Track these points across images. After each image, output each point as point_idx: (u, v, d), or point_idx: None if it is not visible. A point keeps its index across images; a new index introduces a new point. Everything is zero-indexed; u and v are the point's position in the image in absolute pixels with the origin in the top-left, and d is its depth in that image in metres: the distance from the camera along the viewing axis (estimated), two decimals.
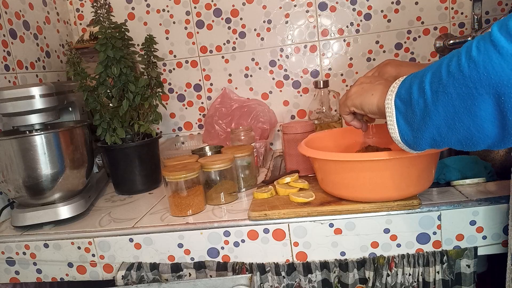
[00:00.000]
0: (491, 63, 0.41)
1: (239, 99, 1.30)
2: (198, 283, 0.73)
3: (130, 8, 1.32)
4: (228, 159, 0.86)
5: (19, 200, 0.88)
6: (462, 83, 0.44)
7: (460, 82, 0.44)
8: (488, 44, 0.41)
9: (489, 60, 0.41)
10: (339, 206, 0.74)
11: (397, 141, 0.57)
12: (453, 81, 0.45)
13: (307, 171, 0.95)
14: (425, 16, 1.21)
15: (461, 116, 0.46)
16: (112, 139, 0.97)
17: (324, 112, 1.11)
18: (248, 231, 0.77)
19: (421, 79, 0.50)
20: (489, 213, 0.71)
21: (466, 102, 0.44)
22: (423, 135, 0.52)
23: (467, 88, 0.43)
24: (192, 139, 1.34)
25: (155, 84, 1.00)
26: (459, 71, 0.44)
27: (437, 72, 0.48)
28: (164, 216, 0.85)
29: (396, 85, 0.56)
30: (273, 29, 1.28)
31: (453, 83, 0.45)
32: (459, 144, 0.49)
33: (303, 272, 0.77)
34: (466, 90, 0.44)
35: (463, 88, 0.44)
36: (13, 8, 1.05)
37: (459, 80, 0.44)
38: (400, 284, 0.74)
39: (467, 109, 0.45)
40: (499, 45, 0.40)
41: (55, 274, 0.86)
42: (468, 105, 0.44)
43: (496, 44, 0.40)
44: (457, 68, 0.44)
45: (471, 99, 0.44)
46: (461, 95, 0.44)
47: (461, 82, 0.44)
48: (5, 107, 0.82)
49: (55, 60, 1.22)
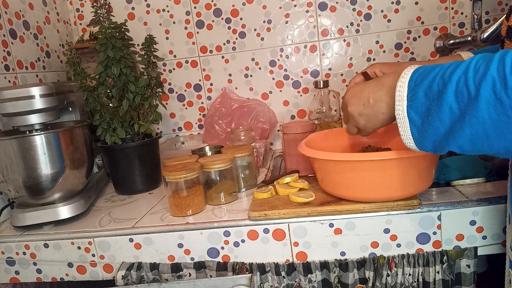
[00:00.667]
0: None
1: (239, 99, 1.30)
2: (198, 283, 0.73)
3: (130, 8, 1.32)
4: (228, 159, 0.86)
5: (19, 200, 0.88)
6: (501, 111, 0.41)
7: (498, 110, 0.42)
8: None
9: None
10: (339, 206, 0.74)
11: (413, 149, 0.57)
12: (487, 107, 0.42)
13: (307, 171, 0.95)
14: (425, 16, 1.21)
15: (491, 141, 0.44)
16: (112, 139, 0.97)
17: (324, 112, 1.11)
18: (248, 231, 0.77)
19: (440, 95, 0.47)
20: (489, 213, 0.71)
21: (501, 130, 0.42)
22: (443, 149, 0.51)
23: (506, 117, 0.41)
24: (192, 139, 1.34)
25: (155, 84, 1.00)
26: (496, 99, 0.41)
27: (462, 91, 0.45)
28: (164, 216, 0.85)
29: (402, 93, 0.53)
30: (273, 29, 1.28)
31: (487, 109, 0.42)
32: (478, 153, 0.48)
33: (303, 272, 0.77)
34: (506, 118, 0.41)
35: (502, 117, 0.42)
36: (13, 8, 1.05)
37: (496, 107, 0.42)
38: (400, 284, 0.74)
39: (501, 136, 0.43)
40: None
41: (55, 274, 0.86)
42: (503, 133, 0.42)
43: None
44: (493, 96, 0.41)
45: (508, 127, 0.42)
46: (496, 122, 0.42)
47: (500, 110, 0.42)
48: (5, 107, 0.82)
49: (55, 60, 1.22)
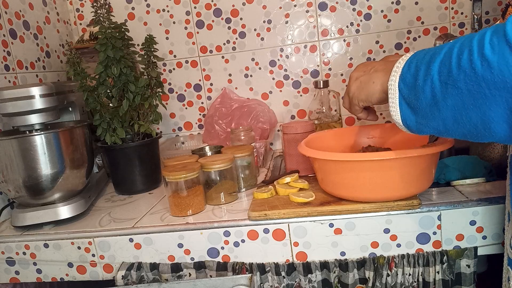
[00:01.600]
0: (506, 66, 0.39)
1: (239, 99, 1.30)
2: (198, 283, 0.73)
3: (130, 8, 1.32)
4: (228, 159, 0.86)
5: (19, 200, 0.88)
6: (474, 81, 0.42)
7: (472, 80, 0.42)
8: (503, 43, 0.39)
9: (505, 63, 0.39)
10: (339, 206, 0.74)
11: (398, 124, 0.56)
12: (464, 77, 0.43)
13: (307, 171, 0.95)
14: (425, 16, 1.21)
15: (469, 112, 0.44)
16: (112, 139, 0.97)
17: (324, 112, 1.11)
18: (248, 231, 0.77)
19: (427, 65, 0.48)
20: (489, 213, 0.71)
21: (476, 100, 0.43)
22: (427, 123, 0.51)
23: (479, 87, 0.42)
24: (192, 139, 1.34)
25: (155, 84, 1.00)
26: (471, 68, 0.42)
27: (446, 61, 0.45)
28: (164, 216, 0.85)
29: (399, 65, 0.54)
30: (273, 29, 1.28)
31: (464, 78, 0.43)
32: (463, 136, 0.48)
33: (303, 272, 0.77)
34: (478, 88, 0.42)
35: (475, 86, 0.42)
36: (13, 8, 1.04)
37: (470, 77, 0.42)
38: (400, 284, 0.74)
39: (476, 107, 0.43)
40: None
41: (55, 274, 0.86)
42: (478, 103, 0.43)
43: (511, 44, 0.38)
44: (469, 64, 0.42)
45: (482, 98, 0.42)
46: (471, 92, 0.43)
47: (473, 79, 0.42)
48: (5, 107, 0.82)
49: (55, 60, 1.22)
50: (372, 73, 0.61)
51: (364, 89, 0.62)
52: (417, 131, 0.54)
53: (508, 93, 0.40)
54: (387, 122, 1.30)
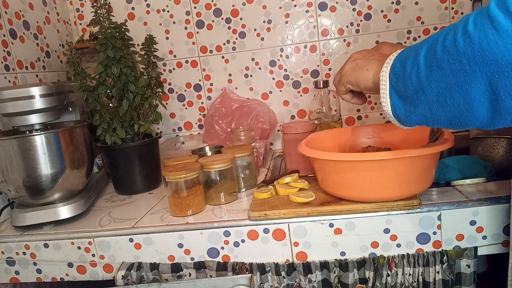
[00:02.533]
0: (486, 40, 0.39)
1: (239, 99, 1.30)
2: (198, 283, 0.73)
3: (130, 8, 1.32)
4: (228, 159, 0.86)
5: (19, 200, 0.88)
6: (456, 58, 0.42)
7: (454, 58, 0.43)
8: (485, 19, 0.39)
9: (485, 36, 0.39)
10: (339, 206, 0.74)
11: (388, 115, 0.56)
12: (447, 56, 0.43)
13: (307, 171, 0.95)
14: (425, 16, 1.21)
15: (452, 93, 0.45)
16: (112, 139, 0.97)
17: (324, 112, 1.11)
18: (248, 231, 0.77)
19: (416, 53, 0.49)
20: (489, 213, 0.71)
21: (458, 79, 0.43)
22: (415, 110, 0.51)
23: (460, 64, 0.42)
24: (192, 139, 1.34)
25: (155, 84, 1.00)
26: (454, 46, 0.42)
27: (432, 46, 0.46)
28: (164, 216, 0.85)
29: (392, 57, 0.54)
30: (273, 29, 1.28)
31: (447, 58, 0.43)
32: (449, 123, 0.48)
33: (303, 272, 0.77)
34: (460, 66, 0.42)
35: (457, 64, 0.43)
36: (13, 8, 1.05)
37: (453, 55, 0.43)
38: (400, 284, 0.74)
39: (459, 86, 0.43)
40: (496, 20, 0.38)
41: (55, 274, 0.86)
42: (461, 82, 0.43)
43: (492, 20, 0.38)
44: (453, 43, 0.43)
45: (463, 75, 0.42)
46: (454, 71, 0.43)
47: (455, 57, 0.42)
48: (5, 107, 0.82)
49: (55, 60, 1.22)
50: (370, 60, 0.62)
51: (356, 72, 0.63)
52: (406, 120, 0.54)
53: (486, 66, 0.40)
54: (387, 122, 1.30)
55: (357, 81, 0.63)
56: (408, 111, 0.52)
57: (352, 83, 0.64)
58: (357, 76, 0.63)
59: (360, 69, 0.62)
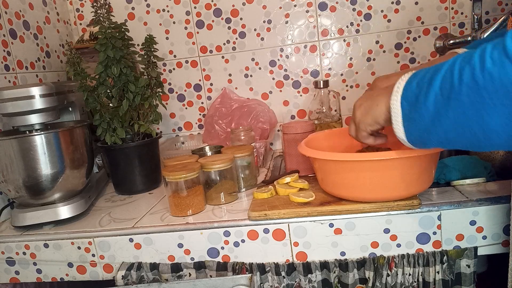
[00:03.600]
0: (506, 75, 0.41)
1: (239, 99, 1.30)
2: (198, 283, 0.73)
3: (130, 8, 1.31)
4: (228, 159, 0.86)
5: (19, 200, 0.88)
6: (476, 92, 0.44)
7: (474, 91, 0.45)
8: (503, 56, 0.42)
9: (505, 73, 0.41)
10: (339, 206, 0.74)
11: (402, 141, 0.58)
12: (466, 90, 0.45)
13: (307, 171, 0.95)
14: (425, 16, 1.21)
15: (471, 123, 0.47)
16: (112, 139, 0.97)
17: (324, 112, 1.11)
18: (248, 231, 0.77)
19: (429, 82, 0.50)
20: (489, 213, 0.71)
21: (478, 111, 0.45)
22: (430, 138, 0.53)
23: (481, 98, 0.44)
24: (192, 139, 1.34)
25: (155, 84, 1.00)
26: (474, 81, 0.44)
27: (448, 77, 0.48)
28: (164, 216, 0.85)
29: (400, 85, 0.56)
30: (273, 29, 1.28)
31: (466, 91, 0.45)
32: (464, 146, 0.51)
33: (303, 272, 0.77)
34: (480, 99, 0.44)
35: (477, 97, 0.45)
36: (13, 8, 1.05)
37: (473, 89, 0.45)
38: (400, 284, 0.74)
39: (478, 117, 0.45)
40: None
41: (55, 274, 0.86)
42: (480, 114, 0.45)
43: (510, 56, 0.41)
44: (471, 78, 0.45)
45: (483, 108, 0.44)
46: (474, 103, 0.45)
47: (475, 91, 0.44)
48: (5, 107, 0.82)
49: (55, 60, 1.22)
50: (375, 97, 0.63)
51: (369, 113, 0.63)
52: (421, 145, 0.57)
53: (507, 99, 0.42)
54: None
55: (374, 119, 0.63)
56: (423, 137, 0.54)
57: (371, 124, 0.65)
58: (372, 116, 0.63)
59: (371, 109, 0.63)
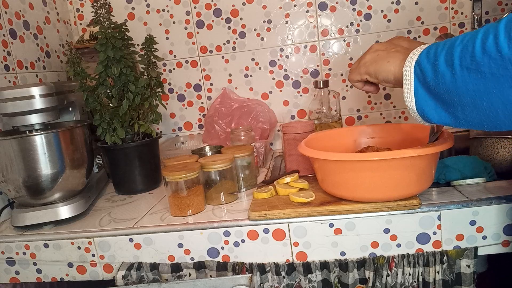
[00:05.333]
0: None
1: (239, 99, 1.30)
2: (198, 283, 0.73)
3: (130, 8, 1.31)
4: (228, 159, 0.86)
5: (19, 200, 0.88)
6: (500, 63, 0.41)
7: (497, 63, 0.41)
8: None
9: None
10: (339, 206, 0.74)
11: (411, 110, 0.55)
12: (488, 60, 0.42)
13: (307, 171, 0.95)
14: (425, 16, 1.21)
15: (491, 97, 0.43)
16: (112, 139, 0.97)
17: (324, 112, 1.11)
18: (248, 231, 0.77)
19: (449, 51, 0.47)
20: (489, 213, 0.71)
21: (501, 84, 0.42)
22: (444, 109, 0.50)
23: (504, 70, 0.41)
24: (192, 139, 1.34)
25: (155, 84, 1.00)
26: (497, 51, 0.41)
27: (469, 47, 0.44)
28: (164, 216, 0.85)
29: (417, 52, 0.53)
30: (273, 29, 1.28)
31: (488, 62, 0.42)
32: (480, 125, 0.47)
33: (303, 272, 0.77)
34: (503, 71, 0.41)
35: (500, 69, 0.41)
36: (13, 8, 1.04)
37: (496, 60, 0.41)
38: (400, 284, 0.74)
39: (500, 91, 0.42)
40: None
41: (55, 274, 0.86)
42: (503, 87, 0.42)
43: None
44: (494, 47, 0.41)
45: (507, 81, 0.41)
46: (496, 75, 0.42)
47: (499, 62, 0.41)
48: (5, 107, 0.82)
49: (55, 60, 1.22)
50: (392, 52, 0.60)
51: (377, 63, 0.61)
52: (432, 117, 0.53)
53: None
54: (387, 122, 1.30)
55: (376, 72, 0.61)
56: (436, 109, 0.51)
57: (371, 73, 0.62)
58: (377, 67, 0.61)
59: (382, 60, 0.60)
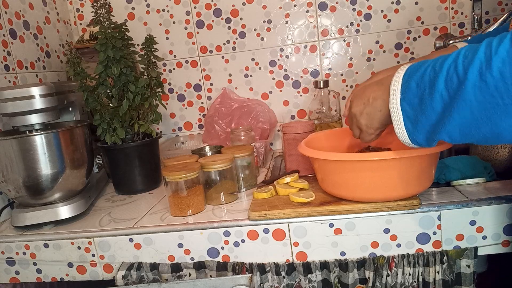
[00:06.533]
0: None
1: (239, 99, 1.30)
2: (198, 283, 0.73)
3: (130, 8, 1.31)
4: (228, 159, 0.86)
5: (19, 200, 0.88)
6: (486, 92, 0.42)
7: (484, 91, 0.42)
8: None
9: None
10: (339, 206, 0.74)
11: (406, 143, 0.57)
12: (473, 90, 0.43)
13: (307, 171, 0.95)
14: (425, 16, 1.21)
15: (479, 124, 0.44)
16: (112, 139, 0.97)
17: (324, 112, 1.11)
18: (248, 231, 0.77)
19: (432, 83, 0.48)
20: (489, 213, 0.71)
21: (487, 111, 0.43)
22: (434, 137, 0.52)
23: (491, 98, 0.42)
24: (192, 139, 1.34)
25: (155, 84, 1.00)
26: (482, 81, 0.42)
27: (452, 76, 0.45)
28: (164, 216, 0.85)
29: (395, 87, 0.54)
30: (273, 29, 1.28)
31: (473, 91, 0.43)
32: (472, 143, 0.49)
33: (303, 272, 0.77)
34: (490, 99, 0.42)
35: (487, 97, 0.42)
36: (13, 8, 1.04)
37: (482, 89, 0.42)
38: (400, 284, 0.74)
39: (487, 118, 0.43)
40: None
41: (55, 274, 0.86)
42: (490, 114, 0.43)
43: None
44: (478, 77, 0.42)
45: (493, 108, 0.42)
46: (483, 103, 0.43)
47: (485, 91, 0.42)
48: (5, 107, 0.82)
49: (55, 60, 1.22)
50: (372, 103, 0.62)
51: (375, 119, 0.63)
52: (426, 145, 0.55)
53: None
54: None
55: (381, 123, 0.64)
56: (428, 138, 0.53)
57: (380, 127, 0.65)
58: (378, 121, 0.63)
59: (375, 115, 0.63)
